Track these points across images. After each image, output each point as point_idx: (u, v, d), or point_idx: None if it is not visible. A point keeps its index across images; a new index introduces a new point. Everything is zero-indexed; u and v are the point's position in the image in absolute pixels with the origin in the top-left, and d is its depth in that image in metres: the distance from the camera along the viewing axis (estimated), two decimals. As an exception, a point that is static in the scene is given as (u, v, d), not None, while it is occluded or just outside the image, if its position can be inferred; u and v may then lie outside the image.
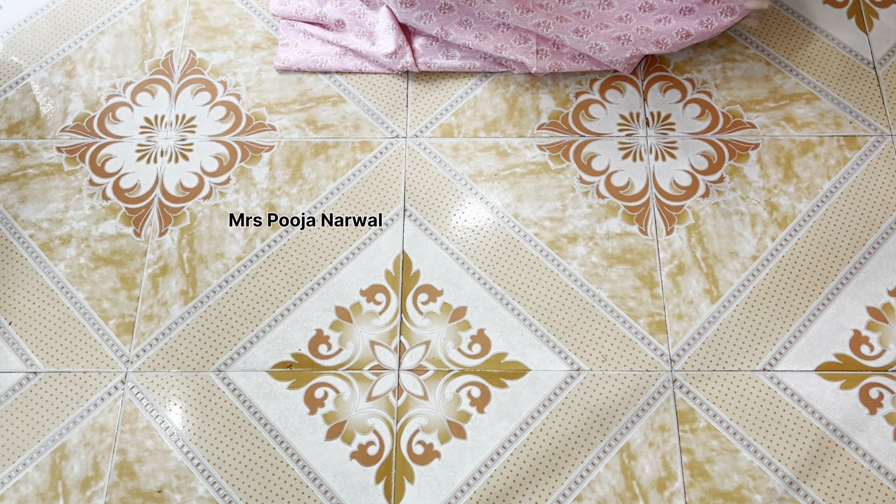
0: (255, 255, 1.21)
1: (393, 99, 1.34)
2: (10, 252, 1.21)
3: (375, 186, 1.26)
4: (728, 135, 1.29)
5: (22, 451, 1.07)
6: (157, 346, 1.15)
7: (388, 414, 1.09)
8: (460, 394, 1.10)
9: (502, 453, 1.06)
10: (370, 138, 1.30)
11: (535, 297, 1.17)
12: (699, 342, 1.14)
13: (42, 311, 1.16)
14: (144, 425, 1.08)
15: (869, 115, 1.30)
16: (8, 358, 1.13)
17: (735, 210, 1.23)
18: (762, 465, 1.04)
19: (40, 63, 1.39)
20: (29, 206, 1.25)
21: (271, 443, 1.07)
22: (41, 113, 1.33)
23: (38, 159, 1.29)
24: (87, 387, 1.11)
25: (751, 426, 1.07)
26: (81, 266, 1.20)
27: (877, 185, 1.24)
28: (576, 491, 1.03)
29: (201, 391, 1.10)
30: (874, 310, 1.15)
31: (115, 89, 1.35)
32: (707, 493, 1.03)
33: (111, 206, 1.25)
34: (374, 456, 1.06)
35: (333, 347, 1.14)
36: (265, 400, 1.10)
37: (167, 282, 1.19)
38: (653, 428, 1.07)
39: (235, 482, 1.04)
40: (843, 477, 1.03)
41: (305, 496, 1.04)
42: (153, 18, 1.43)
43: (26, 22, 1.43)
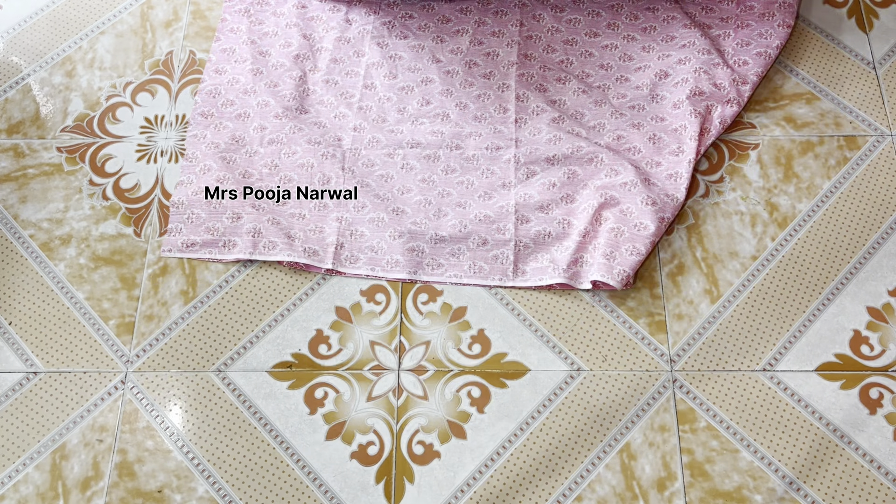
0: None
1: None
2: (10, 252, 1.21)
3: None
4: (728, 135, 1.29)
5: (22, 451, 1.07)
6: (157, 346, 1.15)
7: (388, 414, 1.09)
8: (460, 394, 1.10)
9: (502, 453, 1.06)
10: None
11: (535, 297, 1.17)
12: (699, 342, 1.14)
13: (42, 311, 1.16)
14: (144, 425, 1.08)
15: (869, 115, 1.30)
16: (8, 358, 1.13)
17: (735, 210, 1.23)
18: (762, 465, 1.04)
19: (40, 63, 1.39)
20: (29, 206, 1.25)
21: (271, 443, 1.07)
22: (41, 113, 1.33)
23: (38, 159, 1.29)
24: (87, 387, 1.11)
25: (751, 426, 1.07)
26: (81, 266, 1.20)
27: (877, 185, 1.24)
28: (576, 491, 1.03)
29: (201, 391, 1.10)
30: (874, 310, 1.15)
31: (115, 89, 1.36)
32: (707, 493, 1.03)
33: (111, 206, 1.25)
34: (374, 456, 1.06)
35: (333, 347, 1.14)
36: (265, 400, 1.10)
37: (167, 282, 1.19)
38: (653, 428, 1.07)
39: (235, 482, 1.04)
40: (843, 477, 1.03)
41: (305, 496, 1.04)
42: (153, 18, 1.43)
43: (26, 22, 1.43)
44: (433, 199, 1.22)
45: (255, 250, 1.18)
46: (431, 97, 1.31)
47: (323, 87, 1.33)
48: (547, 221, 1.19)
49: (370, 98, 1.31)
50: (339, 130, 1.29)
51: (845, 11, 1.42)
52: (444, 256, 1.18)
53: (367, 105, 1.31)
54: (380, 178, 1.24)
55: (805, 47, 1.36)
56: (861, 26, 1.40)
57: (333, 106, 1.31)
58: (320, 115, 1.30)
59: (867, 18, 1.41)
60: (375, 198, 1.22)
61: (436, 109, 1.30)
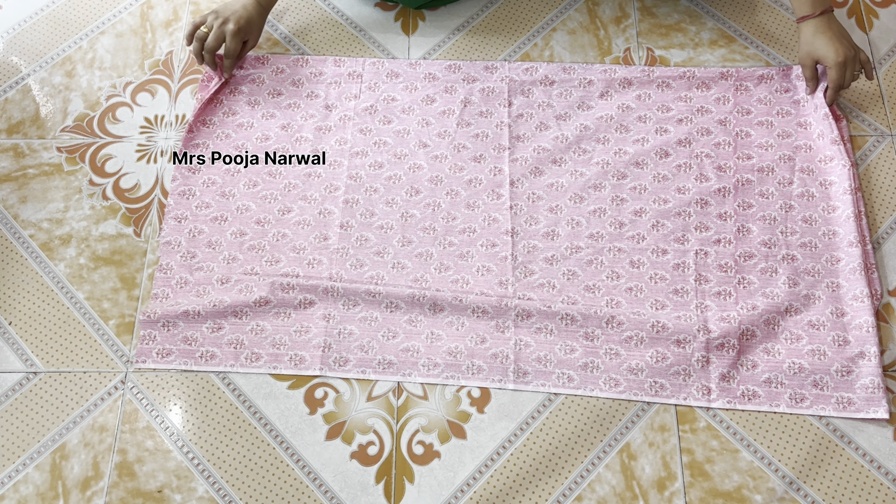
0: (255, 255, 1.21)
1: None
2: (10, 252, 1.21)
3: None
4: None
5: (22, 451, 1.07)
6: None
7: (388, 414, 1.09)
8: (460, 394, 1.10)
9: (502, 453, 1.06)
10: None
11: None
12: (699, 342, 1.14)
13: (42, 311, 1.16)
14: (144, 425, 1.08)
15: (869, 115, 1.30)
16: (8, 358, 1.13)
17: (735, 210, 1.23)
18: (762, 465, 1.04)
19: (40, 63, 1.39)
20: (29, 206, 1.25)
21: (271, 443, 1.07)
22: (41, 113, 1.33)
23: (38, 159, 1.29)
24: (87, 387, 1.11)
25: (751, 426, 1.07)
26: (81, 266, 1.20)
27: (877, 185, 1.24)
28: (576, 491, 1.03)
29: (201, 391, 1.10)
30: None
31: (115, 89, 1.36)
32: (707, 493, 1.03)
33: (111, 206, 1.25)
34: (374, 456, 1.06)
35: (333, 347, 1.14)
36: (265, 400, 1.10)
37: (167, 282, 1.19)
38: (653, 428, 1.07)
39: (235, 482, 1.04)
40: (843, 477, 1.03)
41: (305, 496, 1.04)
42: (153, 18, 1.43)
43: (26, 22, 1.43)
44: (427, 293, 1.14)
45: (237, 362, 1.11)
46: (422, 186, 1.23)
47: (305, 180, 1.25)
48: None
49: (355, 190, 1.24)
50: (324, 228, 1.20)
51: (845, 11, 1.42)
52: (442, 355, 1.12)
53: (354, 198, 1.23)
54: (369, 279, 1.17)
55: (805, 47, 1.36)
56: (861, 26, 1.40)
57: (318, 202, 1.22)
58: (304, 213, 1.22)
59: (867, 18, 1.41)
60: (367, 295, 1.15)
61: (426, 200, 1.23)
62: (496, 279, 1.16)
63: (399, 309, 1.14)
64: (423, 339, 1.12)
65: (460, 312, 1.14)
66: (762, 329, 1.11)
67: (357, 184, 1.24)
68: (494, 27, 1.41)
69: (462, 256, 1.18)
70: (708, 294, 1.14)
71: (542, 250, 1.18)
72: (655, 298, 1.14)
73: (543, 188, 1.23)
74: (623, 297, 1.14)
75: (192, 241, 1.21)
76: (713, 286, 1.15)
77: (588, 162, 1.25)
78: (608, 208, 1.21)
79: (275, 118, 1.31)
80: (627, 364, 1.09)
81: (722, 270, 1.16)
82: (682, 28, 1.40)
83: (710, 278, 1.15)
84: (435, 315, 1.14)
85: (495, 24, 1.41)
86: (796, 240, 1.17)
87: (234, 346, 1.12)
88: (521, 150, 1.26)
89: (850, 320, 1.11)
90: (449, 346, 1.12)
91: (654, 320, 1.11)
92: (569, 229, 1.20)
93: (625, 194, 1.22)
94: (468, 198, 1.23)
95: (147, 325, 1.14)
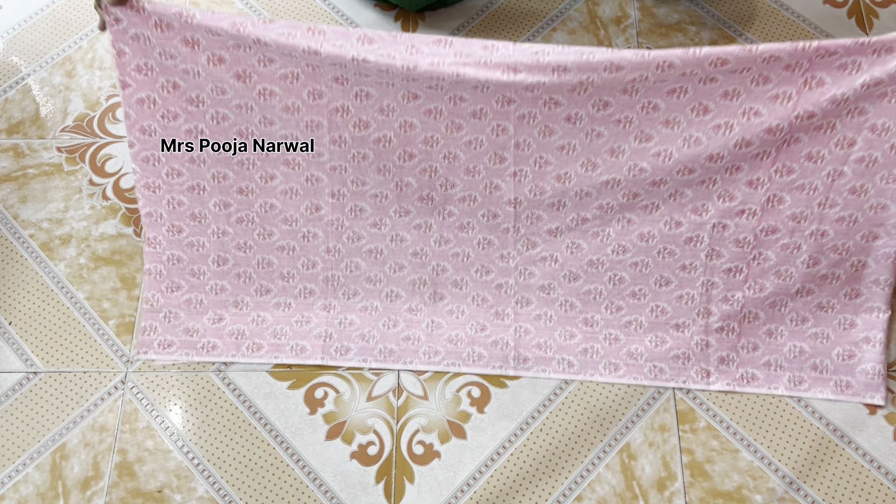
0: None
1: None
2: (10, 252, 1.21)
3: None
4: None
5: (22, 451, 1.07)
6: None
7: (388, 414, 1.09)
8: (460, 394, 1.10)
9: (502, 453, 1.06)
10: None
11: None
12: (699, 342, 1.14)
13: (42, 311, 1.16)
14: (144, 425, 1.08)
15: None
16: (8, 358, 1.13)
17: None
18: (762, 465, 1.04)
19: (40, 63, 1.39)
20: (29, 206, 1.25)
21: (271, 443, 1.07)
22: (41, 113, 1.33)
23: (38, 159, 1.29)
24: (87, 387, 1.11)
25: (751, 426, 1.07)
26: (81, 266, 1.20)
27: (877, 185, 1.24)
28: (576, 491, 1.03)
29: (201, 391, 1.10)
30: (874, 310, 1.15)
31: (115, 89, 1.35)
32: (707, 493, 1.03)
33: (111, 206, 1.25)
34: (374, 456, 1.06)
35: (333, 347, 1.14)
36: (265, 400, 1.10)
37: (167, 282, 1.19)
38: (653, 428, 1.07)
39: (235, 482, 1.04)
40: (843, 477, 1.03)
41: (305, 496, 1.04)
42: (153, 18, 1.43)
43: (26, 22, 1.43)
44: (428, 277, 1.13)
45: (238, 352, 1.11)
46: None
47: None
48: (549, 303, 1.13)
49: (341, 156, 1.10)
50: (314, 197, 1.11)
51: (845, 11, 1.42)
52: (442, 343, 1.12)
53: (341, 165, 1.09)
54: (368, 254, 1.13)
55: (805, 47, 1.36)
56: (861, 26, 1.40)
57: (302, 168, 1.10)
58: (289, 180, 1.10)
59: (867, 18, 1.41)
60: (367, 283, 1.13)
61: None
62: (497, 253, 1.13)
63: (399, 298, 1.14)
64: (424, 328, 1.12)
65: (460, 301, 1.13)
66: (766, 311, 1.09)
67: (342, 150, 1.07)
68: (494, 27, 1.41)
69: (462, 228, 1.13)
70: (717, 270, 1.08)
71: (546, 221, 1.11)
72: (661, 274, 1.10)
73: (553, 151, 1.06)
74: (627, 272, 1.11)
75: (174, 213, 1.11)
76: (725, 262, 1.08)
77: (608, 119, 1.02)
78: (623, 178, 1.05)
79: (224, 63, 1.01)
80: (627, 349, 1.10)
81: (738, 246, 1.07)
82: (682, 28, 1.40)
83: (723, 253, 1.08)
84: (435, 303, 1.14)
85: (495, 24, 1.41)
86: (835, 213, 1.03)
87: (236, 337, 1.12)
88: (528, 105, 1.02)
89: (863, 303, 1.08)
90: (449, 334, 1.12)
91: (654, 304, 1.11)
92: (577, 200, 1.08)
93: (645, 162, 1.03)
94: (467, 162, 1.08)
95: (149, 316, 1.13)
